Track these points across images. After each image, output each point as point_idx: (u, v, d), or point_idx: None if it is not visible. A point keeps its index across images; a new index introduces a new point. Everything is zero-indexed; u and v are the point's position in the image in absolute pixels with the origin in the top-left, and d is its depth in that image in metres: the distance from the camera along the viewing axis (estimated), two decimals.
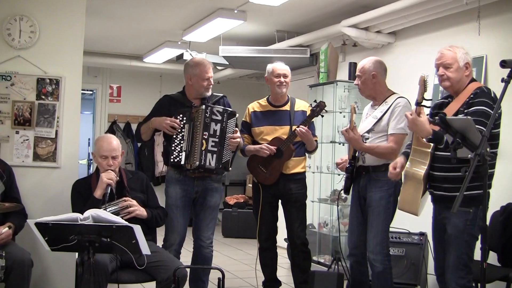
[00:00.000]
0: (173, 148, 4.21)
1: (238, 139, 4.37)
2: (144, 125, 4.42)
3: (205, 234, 4.47)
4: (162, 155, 4.50)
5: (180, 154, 4.19)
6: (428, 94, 3.53)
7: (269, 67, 4.75)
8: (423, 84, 3.43)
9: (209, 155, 4.21)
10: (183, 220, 4.38)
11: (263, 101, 4.82)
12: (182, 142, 4.22)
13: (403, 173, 3.63)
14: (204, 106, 4.26)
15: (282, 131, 4.60)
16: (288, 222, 4.73)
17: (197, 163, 4.17)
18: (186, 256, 4.54)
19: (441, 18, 5.33)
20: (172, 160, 4.22)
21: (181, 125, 4.23)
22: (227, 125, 4.29)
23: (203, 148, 4.18)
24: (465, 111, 3.38)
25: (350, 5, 5.97)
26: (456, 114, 3.42)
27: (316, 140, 4.66)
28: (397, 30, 6.01)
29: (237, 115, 4.40)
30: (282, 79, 4.64)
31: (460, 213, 3.33)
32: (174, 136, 4.22)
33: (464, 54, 3.54)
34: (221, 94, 4.55)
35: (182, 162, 4.19)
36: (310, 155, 4.89)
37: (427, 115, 3.53)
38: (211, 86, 4.42)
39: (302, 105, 4.74)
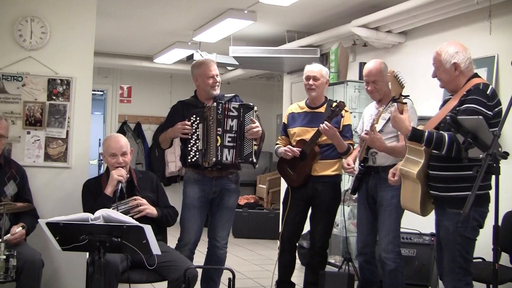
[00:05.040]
0: (189, 148, 4.20)
1: (257, 129, 4.23)
2: (161, 136, 4.44)
3: (220, 234, 4.46)
4: (180, 159, 4.51)
5: (197, 153, 4.18)
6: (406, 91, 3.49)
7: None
8: (395, 80, 3.40)
9: (225, 150, 4.20)
10: (199, 221, 4.37)
11: (302, 103, 4.78)
12: (197, 141, 4.20)
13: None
14: (215, 103, 4.26)
15: (314, 133, 4.49)
16: (311, 224, 4.70)
17: (214, 159, 4.17)
18: (199, 256, 4.54)
19: (452, 17, 5.30)
20: (189, 160, 4.19)
21: (195, 125, 4.21)
22: (244, 119, 4.24)
23: (218, 144, 4.18)
24: (457, 108, 3.28)
25: (360, 5, 5.96)
26: (452, 111, 3.30)
27: (352, 144, 4.56)
28: (408, 30, 5.99)
29: (255, 108, 4.29)
30: (311, 82, 4.60)
31: (451, 215, 3.28)
32: (190, 137, 4.21)
33: (452, 54, 3.38)
34: (233, 94, 4.53)
35: (200, 162, 4.18)
36: (343, 157, 4.62)
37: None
38: (218, 84, 4.39)
39: None
